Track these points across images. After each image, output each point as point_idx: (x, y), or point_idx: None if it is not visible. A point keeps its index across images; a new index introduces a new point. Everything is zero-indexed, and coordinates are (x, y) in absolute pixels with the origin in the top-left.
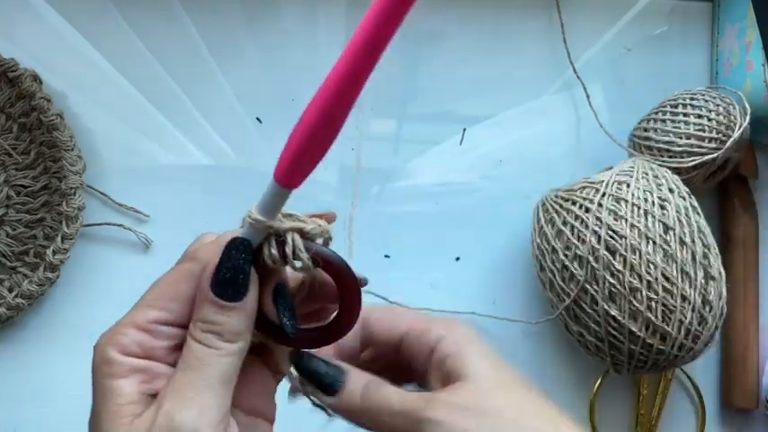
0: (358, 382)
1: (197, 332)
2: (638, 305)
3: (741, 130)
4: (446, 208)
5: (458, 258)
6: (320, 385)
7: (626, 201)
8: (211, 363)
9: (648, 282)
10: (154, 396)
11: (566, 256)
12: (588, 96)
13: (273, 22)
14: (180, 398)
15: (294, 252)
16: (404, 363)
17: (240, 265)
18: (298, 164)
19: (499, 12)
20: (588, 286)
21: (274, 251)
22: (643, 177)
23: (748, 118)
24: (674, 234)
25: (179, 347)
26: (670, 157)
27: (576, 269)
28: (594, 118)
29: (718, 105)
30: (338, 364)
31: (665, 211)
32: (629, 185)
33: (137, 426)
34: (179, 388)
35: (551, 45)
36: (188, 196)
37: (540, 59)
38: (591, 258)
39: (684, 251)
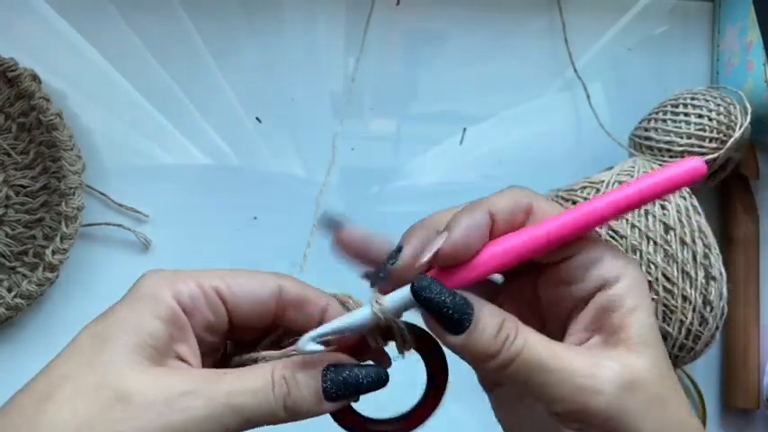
0: (492, 319)
1: (277, 372)
2: None
3: (742, 129)
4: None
5: None
6: (444, 321)
7: None
8: (243, 400)
9: (649, 282)
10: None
11: None
12: (588, 96)
13: (273, 22)
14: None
15: (403, 337)
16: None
17: (355, 382)
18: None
19: (499, 12)
20: None
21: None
22: None
23: (749, 118)
24: (675, 234)
25: (211, 332)
26: (671, 156)
27: None
28: (595, 118)
29: (718, 105)
30: (467, 295)
31: (665, 211)
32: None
33: (155, 376)
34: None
35: (552, 45)
36: (188, 196)
37: (541, 59)
38: None
39: (685, 251)
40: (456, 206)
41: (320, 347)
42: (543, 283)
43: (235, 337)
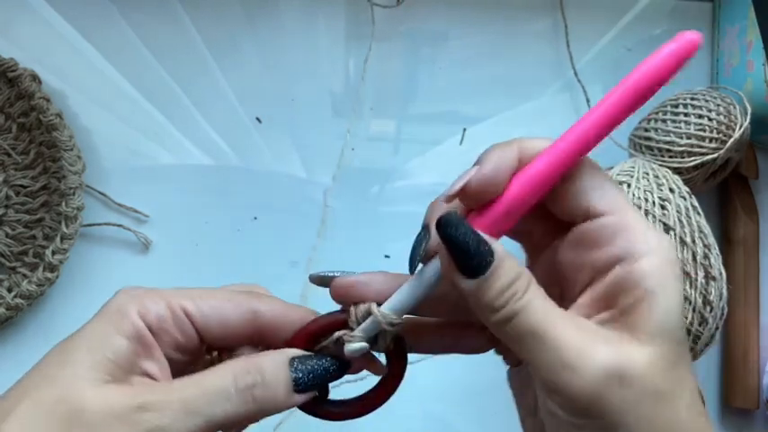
0: (507, 272)
1: (239, 367)
2: None
3: (742, 129)
4: None
5: None
6: (461, 263)
7: None
8: (202, 409)
9: None
10: (124, 374)
11: None
12: (588, 101)
13: (273, 22)
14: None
15: (386, 341)
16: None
17: (323, 370)
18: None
19: (499, 13)
20: None
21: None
22: (644, 177)
23: (749, 118)
24: (675, 234)
25: (182, 351)
26: (670, 157)
27: None
28: None
29: (718, 105)
30: (489, 240)
31: (665, 211)
32: (629, 185)
33: (111, 391)
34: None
35: (552, 46)
36: (188, 196)
37: (541, 60)
38: None
39: (685, 251)
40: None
41: (365, 345)
42: (564, 248)
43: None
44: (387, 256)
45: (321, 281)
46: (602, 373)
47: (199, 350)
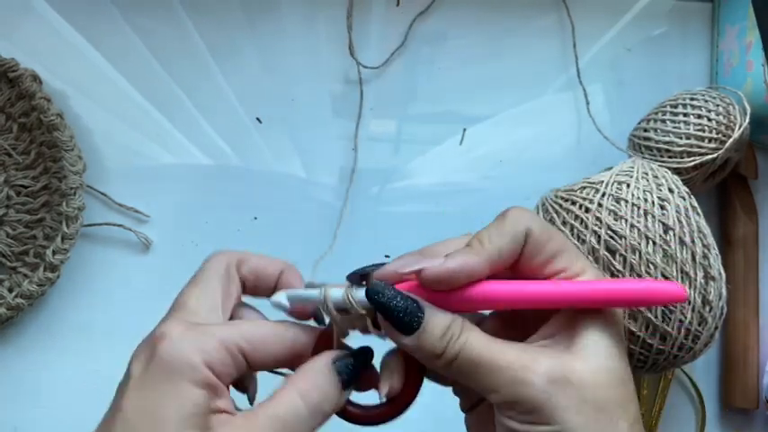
0: (440, 322)
1: (301, 386)
2: None
3: (741, 130)
4: (446, 208)
5: None
6: (395, 323)
7: (626, 201)
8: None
9: None
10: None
11: None
12: (588, 103)
13: (273, 22)
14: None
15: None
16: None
17: (358, 363)
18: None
19: (499, 12)
20: None
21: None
22: (643, 177)
23: (748, 118)
24: (674, 234)
25: (232, 379)
26: (670, 157)
27: None
28: (594, 122)
29: (718, 105)
30: (416, 298)
31: (664, 212)
32: (628, 186)
33: None
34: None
35: (552, 46)
36: (188, 196)
37: (541, 60)
38: (591, 258)
39: (684, 251)
40: (456, 238)
41: (287, 305)
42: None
43: None
44: (387, 256)
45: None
46: (545, 380)
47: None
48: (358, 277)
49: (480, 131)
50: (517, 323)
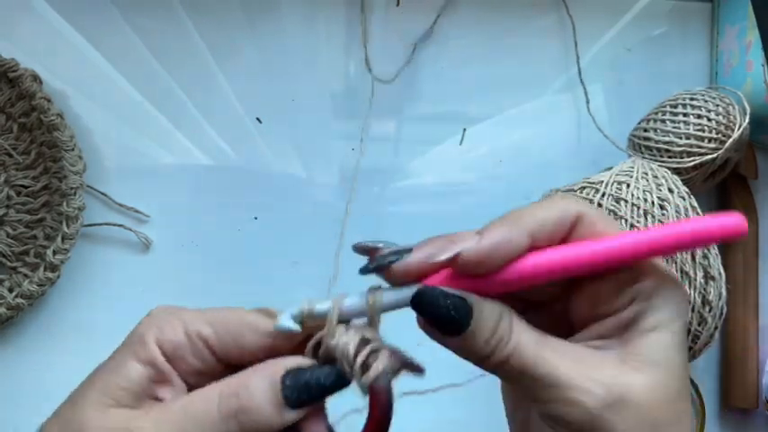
0: (487, 323)
1: (228, 387)
2: None
3: (741, 130)
4: (446, 208)
5: None
6: (441, 327)
7: (626, 201)
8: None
9: None
10: (151, 398)
11: None
12: (588, 102)
13: (273, 22)
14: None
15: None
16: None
17: (318, 383)
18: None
19: (500, 12)
20: None
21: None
22: (643, 177)
23: (748, 118)
24: None
25: (202, 376)
26: (670, 157)
27: None
28: (594, 120)
29: (717, 105)
30: (462, 294)
31: (664, 212)
32: (628, 186)
33: (110, 416)
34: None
35: (552, 46)
36: (188, 196)
37: (541, 60)
38: None
39: (684, 251)
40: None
41: (298, 327)
42: (577, 298)
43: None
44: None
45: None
46: (600, 403)
47: (220, 372)
48: (371, 270)
49: (480, 131)
50: (562, 316)
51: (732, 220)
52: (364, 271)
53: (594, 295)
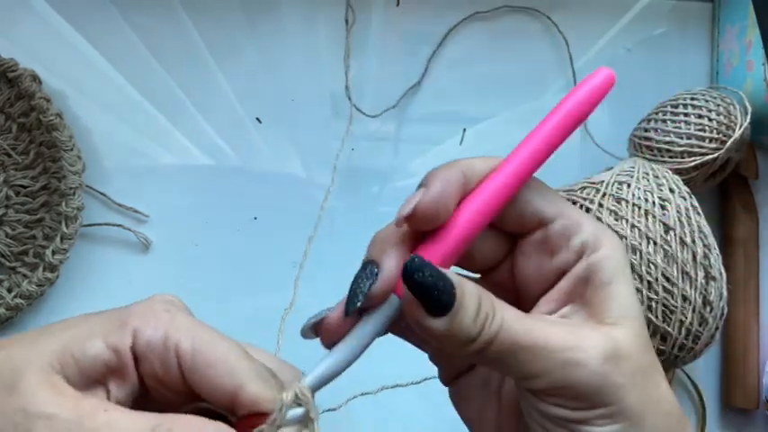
0: (472, 298)
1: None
2: None
3: (742, 129)
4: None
5: None
6: (430, 304)
7: (626, 201)
8: None
9: (649, 282)
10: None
11: None
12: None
13: (273, 22)
14: None
15: None
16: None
17: None
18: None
19: (500, 12)
20: None
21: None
22: (643, 177)
23: (749, 118)
24: (675, 234)
25: (163, 386)
26: (670, 157)
27: None
28: (595, 121)
29: (718, 105)
30: (448, 273)
31: (665, 212)
32: (629, 186)
33: (47, 389)
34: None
35: (552, 46)
36: (188, 196)
37: (541, 60)
38: None
39: (685, 251)
40: None
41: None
42: (520, 258)
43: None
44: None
45: (312, 329)
46: (599, 358)
47: (181, 385)
48: (312, 328)
49: (480, 131)
50: (508, 286)
51: (600, 79)
52: (350, 313)
53: (539, 251)
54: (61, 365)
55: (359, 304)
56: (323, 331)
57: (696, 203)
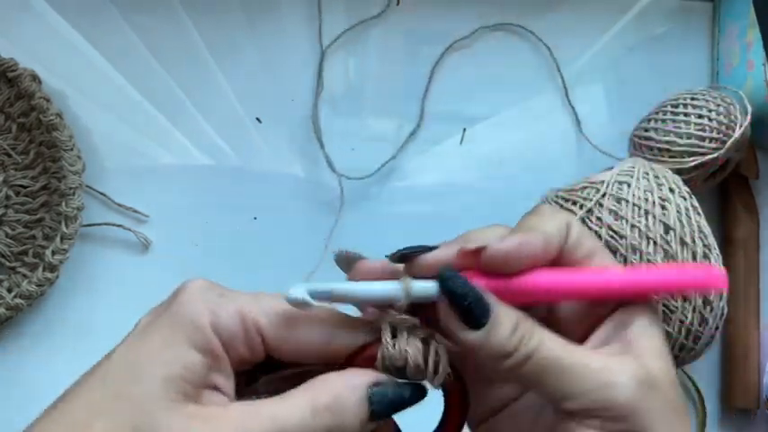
0: (508, 316)
1: (321, 400)
2: None
3: (742, 129)
4: (446, 208)
5: None
6: (465, 314)
7: (626, 201)
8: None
9: None
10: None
11: None
12: (579, 122)
13: (273, 22)
14: None
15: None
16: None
17: (401, 400)
18: None
19: (500, 12)
20: None
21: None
22: (644, 177)
23: (749, 118)
24: (675, 234)
25: (244, 365)
26: (671, 157)
27: None
28: (595, 120)
29: (718, 105)
30: (479, 290)
31: (665, 211)
32: (629, 185)
33: (186, 418)
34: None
35: (552, 45)
36: (188, 196)
37: (541, 60)
38: None
39: (685, 251)
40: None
41: (312, 302)
42: (563, 308)
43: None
44: (387, 257)
45: (347, 260)
46: (636, 383)
47: (262, 361)
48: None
49: (480, 131)
50: (551, 325)
51: (718, 276)
52: (392, 258)
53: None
54: (180, 392)
55: (404, 251)
56: (356, 267)
57: (696, 203)
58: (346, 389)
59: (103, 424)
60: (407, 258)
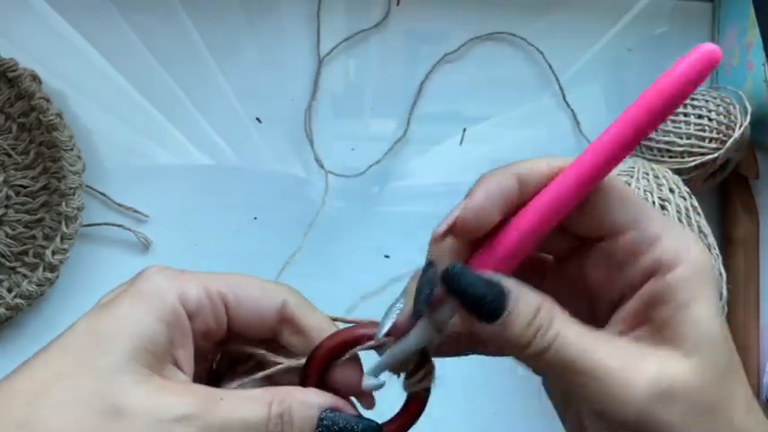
0: (527, 307)
1: (275, 408)
2: None
3: (742, 129)
4: (446, 208)
5: None
6: (477, 312)
7: None
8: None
9: None
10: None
11: None
12: (579, 124)
13: (273, 22)
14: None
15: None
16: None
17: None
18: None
19: (499, 12)
20: None
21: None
22: (644, 177)
23: (749, 118)
24: None
25: (207, 339)
26: (671, 157)
27: None
28: (595, 120)
29: (718, 105)
30: (501, 279)
31: (665, 212)
32: (629, 185)
33: (152, 392)
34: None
35: (552, 46)
36: (188, 196)
37: (541, 60)
38: None
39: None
40: None
41: (382, 381)
42: (591, 265)
43: (226, 347)
44: (386, 257)
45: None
46: (648, 396)
47: (220, 340)
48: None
49: (480, 132)
50: (583, 289)
51: (702, 54)
52: (419, 313)
53: (608, 257)
54: (145, 365)
55: (423, 311)
56: (396, 331)
57: (696, 203)
58: (301, 404)
59: (64, 390)
60: (420, 303)
